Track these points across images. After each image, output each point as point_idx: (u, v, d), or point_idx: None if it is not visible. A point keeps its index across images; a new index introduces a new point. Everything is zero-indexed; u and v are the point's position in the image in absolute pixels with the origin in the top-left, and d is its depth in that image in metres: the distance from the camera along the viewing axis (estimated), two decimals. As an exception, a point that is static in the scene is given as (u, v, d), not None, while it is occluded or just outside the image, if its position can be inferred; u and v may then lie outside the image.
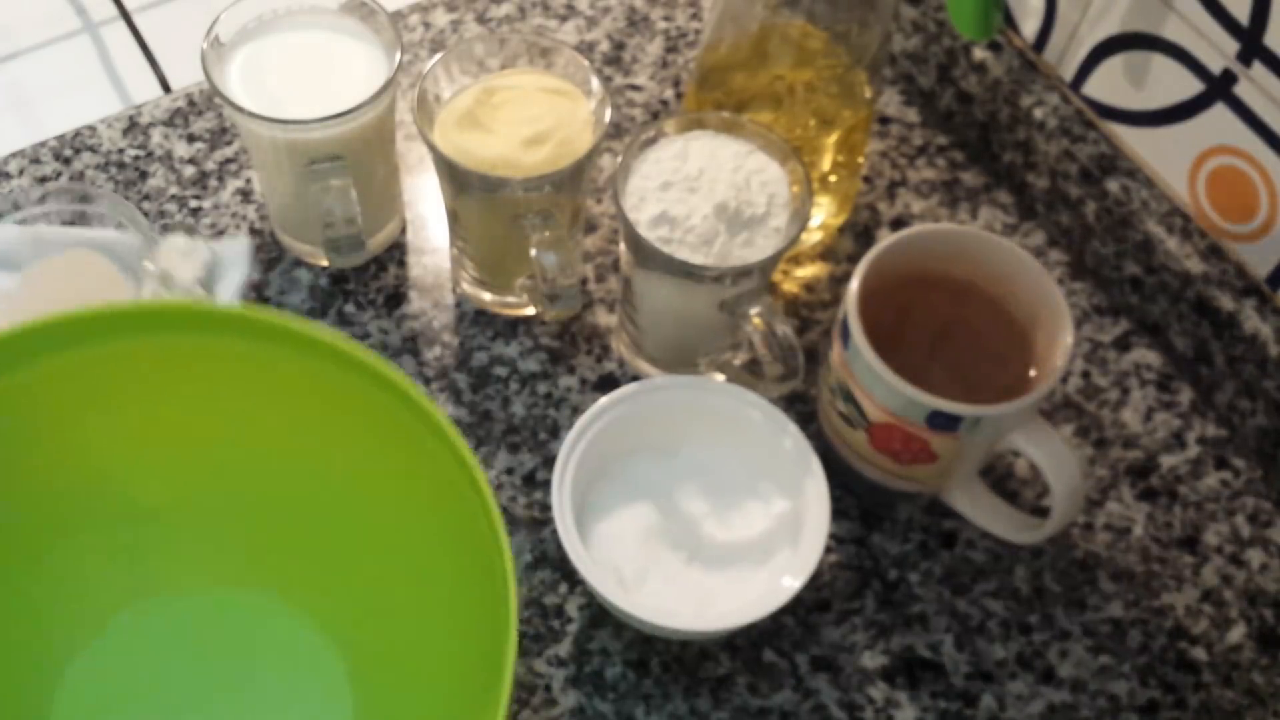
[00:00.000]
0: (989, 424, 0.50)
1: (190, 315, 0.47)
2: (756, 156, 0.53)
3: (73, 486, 0.50)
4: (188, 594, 0.53)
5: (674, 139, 0.54)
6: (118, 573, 0.52)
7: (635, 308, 0.57)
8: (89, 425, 0.49)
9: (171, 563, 0.53)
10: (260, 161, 0.59)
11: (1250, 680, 0.54)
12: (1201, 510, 0.58)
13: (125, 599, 0.52)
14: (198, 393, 0.49)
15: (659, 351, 0.58)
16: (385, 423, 0.46)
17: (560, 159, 0.54)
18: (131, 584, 0.52)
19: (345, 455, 0.49)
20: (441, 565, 0.48)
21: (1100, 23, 0.60)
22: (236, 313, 0.46)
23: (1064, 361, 0.50)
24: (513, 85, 0.56)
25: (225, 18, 0.56)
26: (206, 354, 0.47)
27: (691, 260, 0.51)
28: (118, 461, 0.51)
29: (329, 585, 0.52)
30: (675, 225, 0.52)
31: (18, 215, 0.59)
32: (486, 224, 0.57)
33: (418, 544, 0.49)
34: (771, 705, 0.52)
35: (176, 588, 0.53)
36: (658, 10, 0.73)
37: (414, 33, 0.71)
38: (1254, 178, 0.56)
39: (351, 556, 0.51)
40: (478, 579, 0.44)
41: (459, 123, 0.55)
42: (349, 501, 0.50)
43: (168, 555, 0.52)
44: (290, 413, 0.49)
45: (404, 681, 0.50)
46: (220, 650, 0.52)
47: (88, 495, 0.51)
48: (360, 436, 0.48)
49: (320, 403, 0.48)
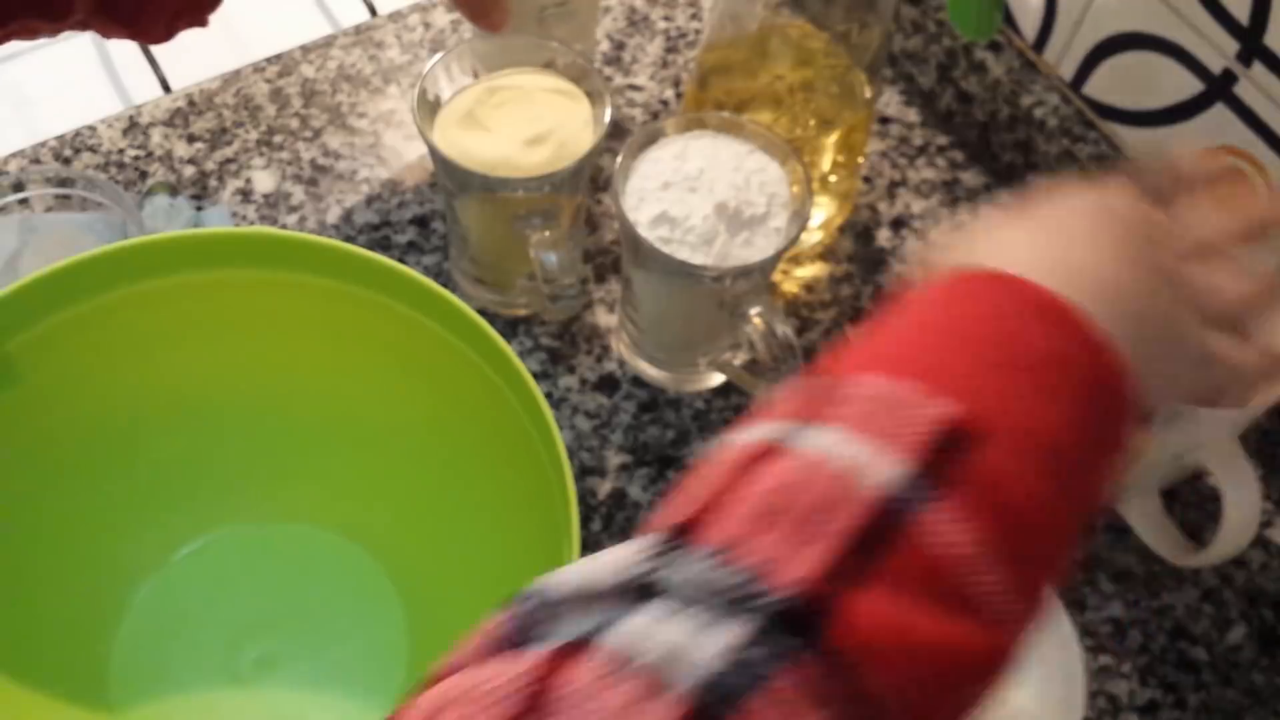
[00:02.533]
0: (1183, 425, 0.49)
1: (271, 245, 0.47)
2: (757, 156, 0.53)
3: (148, 413, 0.51)
4: (251, 525, 0.54)
5: (674, 139, 0.54)
6: (187, 501, 0.53)
7: (635, 308, 0.57)
8: (168, 352, 0.50)
9: (237, 494, 0.53)
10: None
11: (1250, 680, 0.54)
12: (1201, 510, 0.58)
13: (192, 528, 0.54)
14: (269, 324, 0.50)
15: (659, 351, 0.58)
16: (452, 359, 0.47)
17: (561, 159, 0.54)
18: (199, 513, 0.53)
19: (410, 389, 0.50)
20: (501, 499, 0.48)
21: (1100, 23, 0.60)
22: (317, 244, 0.47)
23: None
24: (513, 85, 0.56)
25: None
26: (275, 286, 0.48)
27: (691, 260, 0.51)
28: (192, 390, 0.51)
29: (390, 520, 0.53)
30: (675, 225, 0.52)
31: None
32: (486, 224, 0.57)
33: (479, 478, 0.50)
34: None
35: (241, 518, 0.54)
36: (658, 10, 0.73)
37: (414, 33, 0.71)
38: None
39: (414, 492, 0.52)
40: (537, 516, 0.45)
41: (460, 122, 0.55)
42: (416, 438, 0.51)
43: (234, 486, 0.53)
44: (357, 346, 0.50)
45: (459, 616, 0.50)
46: (281, 579, 0.53)
47: (162, 422, 0.51)
48: (425, 371, 0.49)
49: (386, 336, 0.48)
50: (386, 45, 0.71)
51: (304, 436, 0.53)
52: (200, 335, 0.50)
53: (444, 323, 0.47)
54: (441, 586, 0.52)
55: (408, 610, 0.52)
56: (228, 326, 0.50)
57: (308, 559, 0.54)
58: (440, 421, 0.50)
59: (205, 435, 0.52)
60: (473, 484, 0.50)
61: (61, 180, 0.60)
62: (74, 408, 0.50)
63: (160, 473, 0.52)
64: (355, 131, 0.67)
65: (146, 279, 0.47)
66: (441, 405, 0.50)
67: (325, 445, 0.53)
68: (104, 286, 0.47)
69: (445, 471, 0.51)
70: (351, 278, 0.47)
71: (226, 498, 0.54)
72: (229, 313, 0.50)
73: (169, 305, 0.48)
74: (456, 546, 0.51)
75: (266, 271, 0.48)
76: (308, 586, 0.54)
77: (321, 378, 0.51)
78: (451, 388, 0.48)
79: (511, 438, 0.46)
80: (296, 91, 0.69)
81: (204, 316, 0.49)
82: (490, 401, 0.46)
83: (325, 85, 0.69)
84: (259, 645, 0.52)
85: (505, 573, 0.47)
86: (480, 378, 0.46)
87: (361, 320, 0.48)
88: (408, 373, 0.50)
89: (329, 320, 0.49)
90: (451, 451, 0.51)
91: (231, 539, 0.54)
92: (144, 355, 0.50)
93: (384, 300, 0.47)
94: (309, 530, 0.54)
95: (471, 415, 0.49)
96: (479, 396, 0.47)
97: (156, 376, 0.51)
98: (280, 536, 0.54)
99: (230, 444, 0.53)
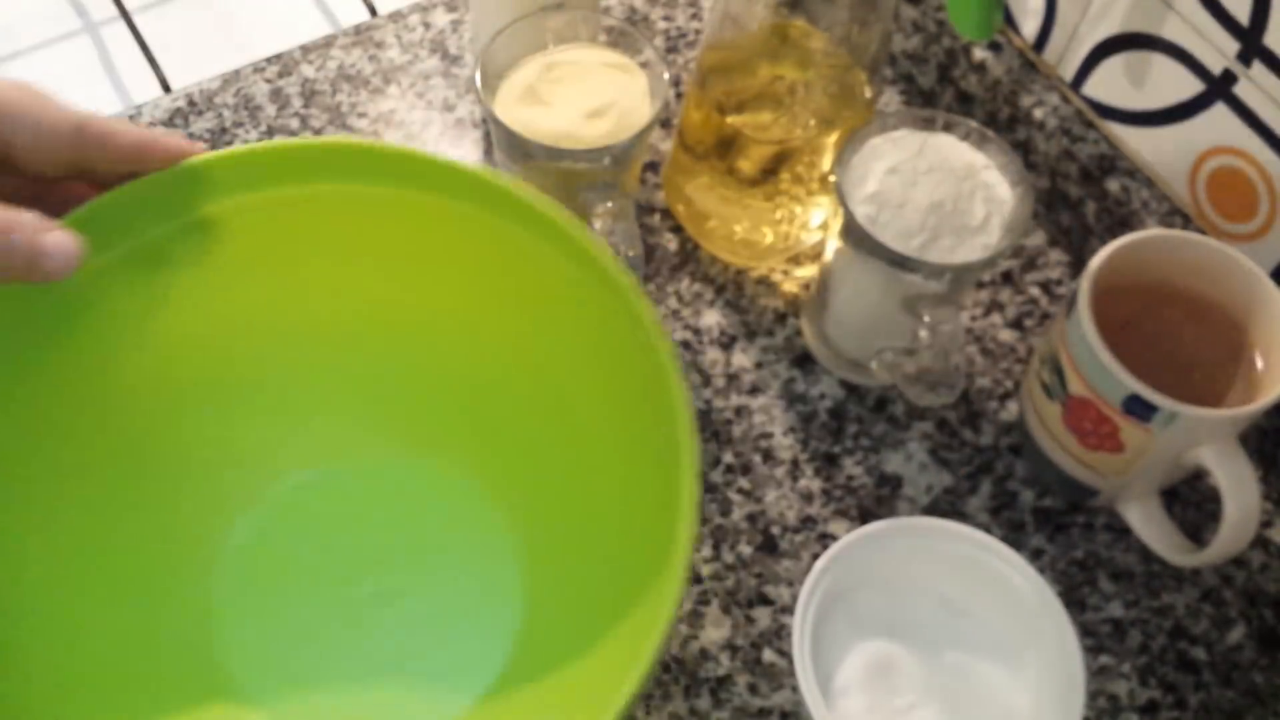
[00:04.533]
0: (1183, 425, 0.49)
1: (411, 163, 0.47)
2: (991, 173, 0.53)
3: (266, 340, 0.51)
4: (365, 459, 0.53)
5: (915, 133, 0.54)
6: (291, 434, 0.53)
7: (828, 287, 0.57)
8: (290, 276, 0.49)
9: (345, 427, 0.53)
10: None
11: (1251, 680, 0.54)
12: (1201, 510, 0.58)
13: (305, 460, 0.53)
14: (389, 250, 0.49)
15: (840, 337, 0.59)
16: (579, 300, 0.46)
17: (622, 130, 0.55)
18: (313, 446, 0.53)
19: (531, 324, 0.50)
20: (619, 442, 0.48)
21: (1100, 23, 0.60)
22: (445, 165, 0.46)
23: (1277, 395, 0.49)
24: (570, 60, 0.57)
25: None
26: (401, 206, 0.47)
27: (890, 244, 0.51)
28: (304, 315, 0.51)
29: (507, 458, 0.52)
30: (884, 207, 0.52)
31: None
32: None
33: (596, 419, 0.49)
34: (771, 705, 0.52)
35: (349, 454, 0.53)
36: (658, 10, 0.73)
37: (414, 33, 0.71)
38: (1254, 178, 0.56)
39: (530, 430, 0.51)
40: (655, 465, 0.44)
41: (520, 98, 0.56)
42: (534, 375, 0.51)
43: (342, 419, 0.53)
44: (479, 280, 0.49)
45: (573, 555, 0.50)
46: (397, 515, 0.53)
47: (281, 350, 0.51)
48: (551, 310, 0.48)
49: (510, 270, 0.48)
50: (386, 45, 0.71)
51: (420, 369, 0.52)
52: (319, 257, 0.49)
53: (571, 257, 0.46)
54: (556, 525, 0.51)
55: (523, 549, 0.52)
56: (347, 248, 0.49)
57: (424, 495, 0.53)
58: (559, 358, 0.50)
59: (323, 365, 0.52)
60: (590, 424, 0.50)
61: None
62: (194, 330, 0.49)
63: (276, 402, 0.52)
64: (355, 131, 0.68)
65: (258, 190, 0.46)
66: (562, 341, 0.49)
67: (443, 378, 0.52)
68: (218, 195, 0.46)
69: (562, 410, 0.51)
70: (474, 199, 0.47)
71: (340, 430, 0.53)
72: (343, 234, 0.49)
73: (284, 221, 0.47)
74: (572, 487, 0.51)
75: (396, 190, 0.47)
76: (424, 522, 0.53)
77: (440, 308, 0.51)
78: (573, 324, 0.48)
79: (632, 379, 0.46)
80: (296, 91, 0.69)
81: (320, 238, 0.48)
82: (612, 339, 0.46)
83: (325, 85, 0.69)
84: (375, 580, 0.52)
85: (620, 514, 0.48)
86: (604, 314, 0.46)
87: (482, 249, 0.48)
88: (529, 306, 0.49)
89: (450, 247, 0.48)
90: (570, 390, 0.50)
91: (346, 473, 0.53)
92: (265, 278, 0.49)
93: (507, 228, 0.47)
94: (425, 465, 0.53)
95: (592, 353, 0.48)
96: (601, 334, 0.47)
97: (283, 303, 0.50)
98: (396, 471, 0.54)
99: (347, 375, 0.52)
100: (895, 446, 0.59)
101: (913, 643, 0.51)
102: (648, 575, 0.43)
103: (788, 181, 0.59)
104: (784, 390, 0.60)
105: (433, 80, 0.70)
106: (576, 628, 0.47)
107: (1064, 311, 0.53)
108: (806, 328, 0.62)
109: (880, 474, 0.58)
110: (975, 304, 0.64)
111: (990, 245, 0.52)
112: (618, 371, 0.47)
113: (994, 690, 0.50)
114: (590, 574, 0.49)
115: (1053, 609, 0.49)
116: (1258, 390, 0.52)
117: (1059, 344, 0.52)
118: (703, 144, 0.60)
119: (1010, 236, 0.52)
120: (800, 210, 0.61)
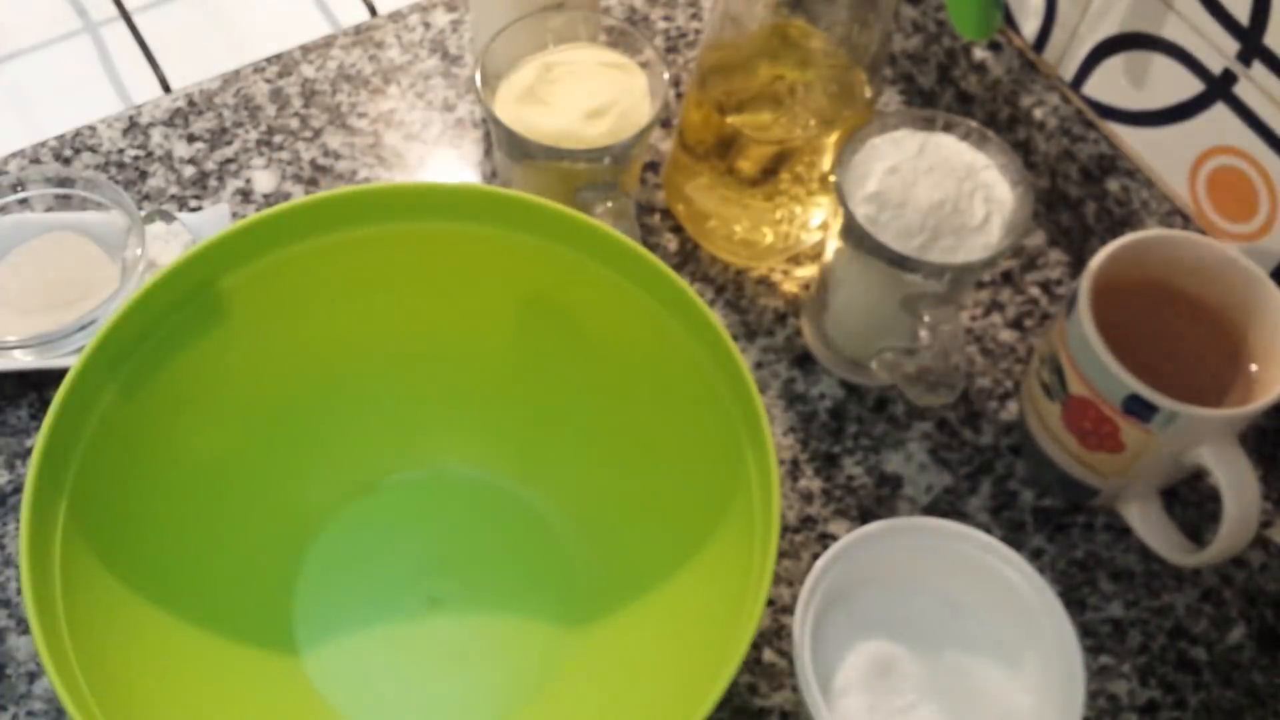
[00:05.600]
0: (1183, 425, 0.49)
1: (479, 200, 0.50)
2: (991, 173, 0.53)
3: (340, 357, 0.53)
4: (428, 469, 0.56)
5: (915, 133, 0.54)
6: (370, 446, 0.55)
7: (828, 287, 0.57)
8: (363, 299, 0.52)
9: (416, 440, 0.56)
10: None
11: (1250, 680, 0.54)
12: (1201, 510, 0.58)
13: (374, 471, 0.56)
14: (457, 277, 0.52)
15: (840, 337, 0.59)
16: (646, 320, 0.49)
17: (622, 130, 0.55)
18: (380, 457, 0.56)
19: (598, 347, 0.52)
20: (684, 465, 0.50)
21: (1100, 23, 0.60)
22: (523, 201, 0.49)
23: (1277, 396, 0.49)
24: (569, 61, 0.57)
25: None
26: (473, 240, 0.50)
27: (890, 244, 0.51)
28: (383, 337, 0.54)
29: (569, 475, 0.55)
30: (885, 207, 0.52)
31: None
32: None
33: (663, 442, 0.52)
34: (771, 705, 0.52)
35: (418, 464, 0.56)
36: (658, 10, 0.73)
37: (414, 33, 0.71)
38: (1254, 178, 0.56)
39: (594, 448, 0.54)
40: (721, 481, 0.47)
41: (520, 98, 0.56)
42: (599, 396, 0.53)
43: (411, 433, 0.56)
44: (546, 304, 0.52)
45: (630, 571, 0.52)
46: (457, 524, 0.55)
47: (353, 365, 0.54)
48: (613, 329, 0.51)
49: (578, 294, 0.51)
50: (386, 45, 0.71)
51: (486, 386, 0.54)
52: (392, 284, 0.52)
53: (643, 285, 0.49)
54: (615, 540, 0.53)
55: (579, 562, 0.54)
56: (421, 277, 0.52)
57: (484, 506, 0.56)
58: (624, 379, 0.52)
59: (391, 381, 0.54)
60: (656, 446, 0.52)
61: (61, 180, 0.60)
62: (272, 350, 0.52)
63: (347, 416, 0.55)
64: (355, 131, 0.68)
65: (349, 228, 0.50)
66: (628, 363, 0.51)
67: (507, 396, 0.55)
68: (310, 232, 0.49)
69: (628, 431, 0.53)
70: (549, 234, 0.49)
71: (406, 443, 0.56)
72: (424, 263, 0.51)
73: (368, 253, 0.51)
74: (634, 505, 0.53)
75: (467, 225, 0.50)
76: (482, 532, 0.55)
77: (507, 331, 0.53)
78: (640, 347, 0.50)
79: (703, 402, 0.48)
80: (296, 91, 0.69)
81: (399, 266, 0.51)
82: (681, 364, 0.49)
83: (325, 85, 0.69)
84: (432, 586, 0.54)
85: (683, 536, 0.50)
86: (671, 339, 0.49)
87: (550, 276, 0.51)
88: (592, 330, 0.52)
89: (516, 275, 0.51)
90: (637, 413, 0.52)
91: (410, 483, 0.56)
92: (339, 301, 0.52)
93: (576, 257, 0.49)
94: (487, 477, 0.56)
95: (657, 374, 0.51)
96: (668, 358, 0.49)
97: (350, 322, 0.53)
98: (458, 482, 0.56)
99: (413, 392, 0.55)
100: (895, 446, 0.59)
101: (913, 642, 0.51)
102: (721, 614, 0.45)
103: (788, 181, 0.59)
104: (784, 390, 0.60)
105: (433, 80, 0.70)
106: (645, 648, 0.50)
107: (1064, 311, 0.53)
108: (806, 328, 0.62)
109: (880, 474, 0.59)
110: (975, 304, 0.64)
111: (990, 245, 0.52)
112: (690, 403, 0.49)
113: (994, 690, 0.50)
114: (660, 598, 0.51)
115: (1053, 609, 0.49)
116: (1257, 390, 0.52)
117: (1059, 344, 0.52)
118: (703, 144, 0.60)
119: (1010, 236, 0.52)
120: (800, 210, 0.61)
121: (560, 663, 0.52)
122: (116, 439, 0.47)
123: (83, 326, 0.57)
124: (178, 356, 0.49)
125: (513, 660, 0.52)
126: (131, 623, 0.46)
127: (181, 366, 0.49)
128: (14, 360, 0.57)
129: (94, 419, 0.46)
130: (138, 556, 0.47)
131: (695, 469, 0.50)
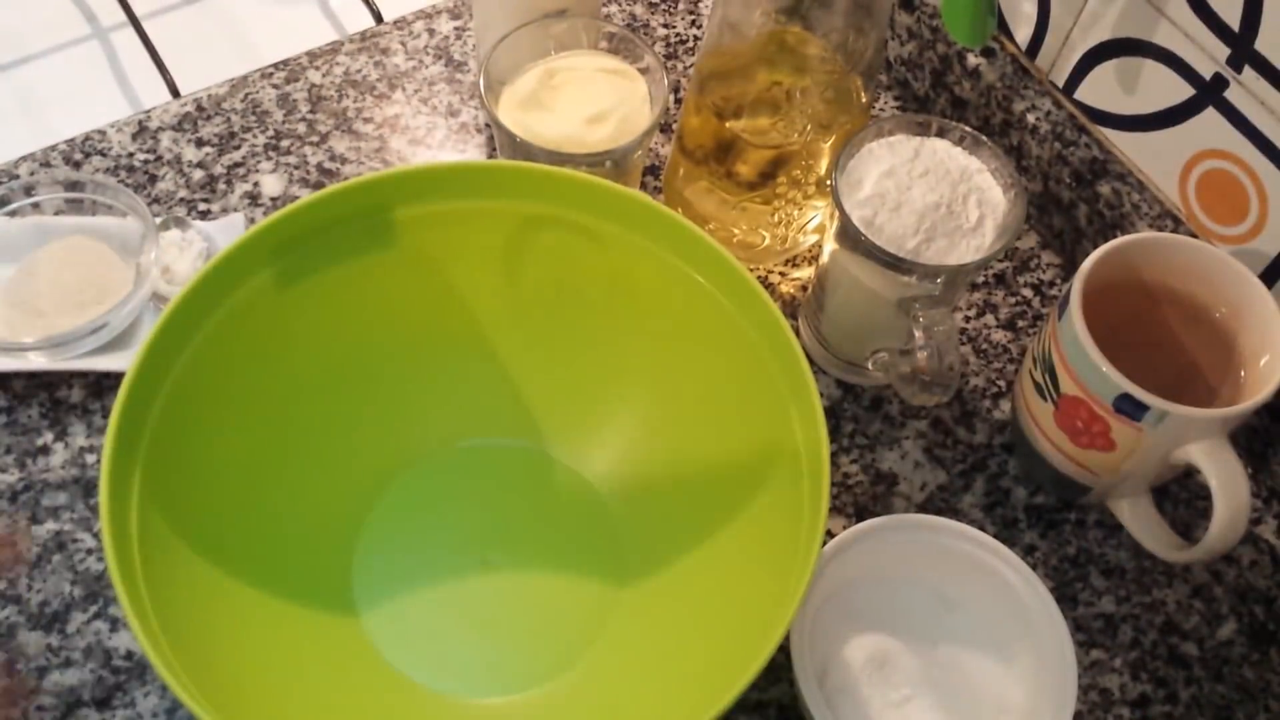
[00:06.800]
0: (1173, 424, 0.50)
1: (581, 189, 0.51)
2: (984, 177, 0.54)
3: (441, 322, 0.55)
4: (482, 440, 0.58)
5: (910, 138, 0.55)
6: (442, 413, 0.57)
7: (824, 288, 0.58)
8: (440, 275, 0.54)
9: (472, 413, 0.57)
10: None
11: (1241, 675, 0.55)
12: (1191, 508, 0.59)
13: (444, 438, 0.57)
14: (561, 263, 0.53)
15: (837, 337, 0.60)
16: (709, 308, 0.51)
17: (623, 135, 0.56)
18: (451, 424, 0.57)
19: (656, 333, 0.54)
20: (737, 453, 0.52)
21: (1092, 29, 0.61)
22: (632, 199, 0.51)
23: (1270, 392, 0.50)
24: (571, 67, 0.58)
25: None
26: (560, 224, 0.52)
27: (885, 247, 0.52)
28: (481, 310, 0.55)
29: (616, 457, 0.56)
30: (880, 210, 0.53)
31: (8, 208, 0.60)
32: None
33: (715, 434, 0.53)
34: (768, 699, 0.53)
35: (472, 435, 0.58)
36: (658, 17, 0.74)
37: (418, 39, 0.72)
38: (1244, 181, 0.57)
39: (646, 431, 0.55)
40: (770, 470, 0.48)
41: (522, 104, 0.57)
42: (656, 380, 0.55)
43: (470, 406, 0.57)
44: (615, 288, 0.53)
45: (672, 554, 0.53)
46: (509, 496, 0.57)
47: (432, 338, 0.56)
48: (673, 314, 0.52)
49: (645, 281, 0.52)
50: (392, 51, 0.72)
51: (543, 360, 0.56)
52: (484, 259, 0.54)
53: (710, 278, 0.50)
54: (662, 505, 0.55)
55: (626, 526, 0.55)
56: (500, 255, 0.54)
57: (535, 474, 0.57)
58: (670, 350, 0.54)
59: (463, 354, 0.56)
60: (700, 413, 0.53)
61: (72, 184, 0.61)
62: (357, 316, 0.54)
63: (415, 384, 0.56)
64: (361, 136, 0.68)
65: (434, 202, 0.51)
66: (674, 334, 0.53)
67: (565, 369, 0.56)
68: (398, 203, 0.51)
69: (680, 418, 0.54)
70: (625, 223, 0.51)
71: (464, 413, 0.57)
72: (507, 243, 0.53)
73: (453, 228, 0.52)
74: (681, 472, 0.54)
75: (563, 210, 0.51)
76: (534, 499, 0.57)
77: (575, 314, 0.55)
78: (700, 334, 0.52)
79: (759, 394, 0.49)
80: (303, 97, 0.70)
81: (480, 245, 0.53)
82: (729, 333, 0.50)
83: (331, 91, 0.70)
84: (485, 549, 0.55)
85: (729, 496, 0.51)
86: (728, 323, 0.50)
87: (623, 264, 0.52)
88: (653, 314, 0.53)
89: (582, 257, 0.53)
90: (689, 398, 0.54)
91: (464, 451, 0.58)
92: (424, 275, 0.54)
93: (646, 245, 0.51)
94: (537, 446, 0.57)
95: (702, 343, 0.52)
96: (717, 331, 0.51)
97: (442, 292, 0.54)
98: (510, 451, 0.58)
99: (477, 366, 0.57)
100: (891, 445, 0.60)
101: (908, 637, 0.51)
102: (768, 573, 0.46)
103: (785, 185, 0.60)
104: (782, 390, 0.61)
105: (437, 86, 0.71)
106: (682, 625, 0.51)
107: (1056, 313, 0.53)
108: (803, 328, 0.62)
109: (876, 472, 0.59)
110: (969, 305, 0.64)
111: (984, 247, 0.53)
112: (746, 393, 0.51)
113: (988, 683, 0.51)
114: (707, 557, 0.52)
115: (1045, 604, 0.50)
116: (1247, 390, 0.52)
117: (1051, 344, 0.53)
118: (702, 148, 0.60)
119: (1003, 239, 0.53)
120: (797, 213, 0.62)
121: (609, 622, 0.53)
122: (189, 405, 0.48)
123: (95, 329, 0.57)
124: (251, 318, 0.50)
125: (562, 620, 0.54)
126: (203, 588, 0.48)
127: (256, 327, 0.50)
128: (27, 361, 0.58)
129: (167, 385, 0.47)
130: (207, 523, 0.49)
131: (739, 431, 0.51)
